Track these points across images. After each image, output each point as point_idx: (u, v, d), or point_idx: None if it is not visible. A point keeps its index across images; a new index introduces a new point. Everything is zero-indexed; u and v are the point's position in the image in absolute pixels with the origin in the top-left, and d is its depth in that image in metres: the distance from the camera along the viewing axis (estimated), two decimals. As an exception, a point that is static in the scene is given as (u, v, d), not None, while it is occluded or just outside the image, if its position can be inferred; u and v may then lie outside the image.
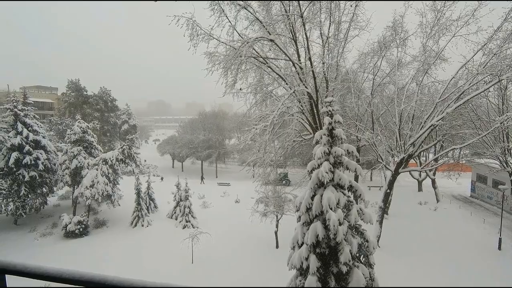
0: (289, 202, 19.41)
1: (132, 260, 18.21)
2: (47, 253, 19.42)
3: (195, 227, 22.91)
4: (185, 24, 14.80)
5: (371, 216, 9.78)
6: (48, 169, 25.11)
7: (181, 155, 52.93)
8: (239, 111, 28.66)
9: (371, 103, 21.83)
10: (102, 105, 54.11)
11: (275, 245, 19.69)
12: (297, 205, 10.27)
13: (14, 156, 22.74)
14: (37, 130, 25.19)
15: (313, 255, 9.04)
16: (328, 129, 9.78)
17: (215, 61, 15.53)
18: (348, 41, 20.24)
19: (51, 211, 26.73)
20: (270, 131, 15.22)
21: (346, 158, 9.84)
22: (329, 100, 10.13)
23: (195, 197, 30.33)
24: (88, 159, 26.06)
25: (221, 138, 55.81)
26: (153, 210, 27.41)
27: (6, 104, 24.70)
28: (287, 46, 17.85)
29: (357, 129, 22.98)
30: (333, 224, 8.48)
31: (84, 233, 22.21)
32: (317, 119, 17.70)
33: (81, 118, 29.27)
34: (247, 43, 14.51)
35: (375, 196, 28.04)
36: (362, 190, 9.89)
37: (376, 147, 19.89)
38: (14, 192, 22.97)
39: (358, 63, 23.92)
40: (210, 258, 18.05)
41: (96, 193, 23.30)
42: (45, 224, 24.00)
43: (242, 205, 27.33)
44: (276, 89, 19.66)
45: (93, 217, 24.97)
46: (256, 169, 19.08)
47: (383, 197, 19.44)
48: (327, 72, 19.40)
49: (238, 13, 15.53)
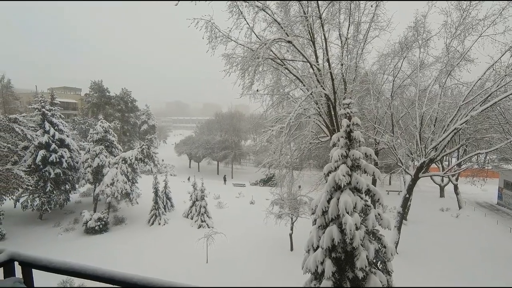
0: (305, 205, 19.22)
1: (148, 257, 18.62)
2: (69, 248, 20.20)
3: (210, 227, 23.13)
4: (204, 27, 15.01)
5: (389, 221, 9.51)
6: (71, 166, 26.13)
7: (197, 155, 53.67)
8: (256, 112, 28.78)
9: (391, 105, 21.29)
10: (123, 105, 55.78)
11: (289, 248, 19.55)
12: (312, 208, 10.16)
13: (41, 154, 23.86)
14: (62, 129, 26.30)
15: (329, 260, 8.90)
16: (346, 132, 9.63)
17: (232, 63, 15.66)
18: (368, 42, 19.85)
19: (73, 207, 27.79)
20: (287, 133, 15.15)
21: (364, 161, 9.64)
22: (347, 102, 9.98)
23: (211, 197, 30.64)
24: (109, 158, 26.92)
25: (237, 139, 56.15)
26: (169, 209, 27.92)
27: (34, 104, 25.96)
28: (305, 48, 17.72)
29: (376, 132, 22.47)
30: (350, 228, 8.32)
31: (104, 230, 22.93)
32: (334, 121, 17.45)
33: (103, 118, 30.31)
34: (265, 45, 14.54)
35: (394, 201, 27.28)
36: (380, 194, 9.64)
37: (396, 150, 19.36)
38: (40, 188, 24.08)
39: (377, 65, 23.42)
40: (225, 258, 18.15)
41: (116, 191, 24.01)
42: (67, 219, 24.99)
43: (257, 207, 27.34)
44: (293, 91, 19.58)
45: (112, 214, 25.75)
46: (271, 171, 19.04)
47: (402, 202, 18.88)
48: (345, 73, 19.10)
49: (256, 15, 15.60)
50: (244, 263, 17.71)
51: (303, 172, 27.08)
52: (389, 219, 9.70)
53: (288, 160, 18.36)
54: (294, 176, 20.28)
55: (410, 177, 18.97)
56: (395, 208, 24.38)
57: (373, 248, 8.98)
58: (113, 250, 19.84)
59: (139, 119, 60.89)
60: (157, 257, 18.66)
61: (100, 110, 53.47)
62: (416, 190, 27.90)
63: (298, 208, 19.18)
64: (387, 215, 10.62)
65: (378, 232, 9.61)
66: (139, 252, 19.38)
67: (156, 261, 18.08)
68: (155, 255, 18.91)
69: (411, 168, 19.85)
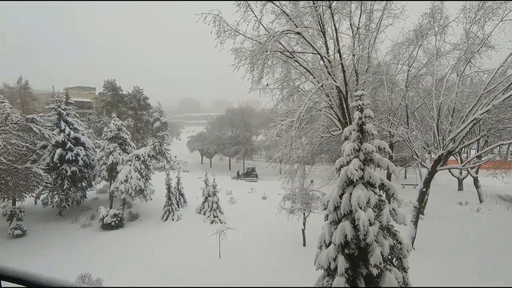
0: (317, 200, 18.95)
1: (162, 252, 18.88)
2: (87, 243, 20.75)
3: (223, 222, 23.22)
4: (212, 21, 14.83)
5: (404, 216, 9.16)
6: (87, 164, 26.75)
7: (209, 151, 53.95)
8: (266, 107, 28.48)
9: (405, 96, 20.55)
10: (136, 103, 56.61)
11: (302, 243, 19.37)
12: (324, 203, 9.92)
13: (58, 152, 24.52)
14: (77, 128, 26.90)
15: (342, 256, 8.67)
16: (358, 124, 9.29)
17: (241, 57, 15.44)
18: (381, 31, 19.13)
19: (90, 204, 28.50)
20: (297, 127, 14.87)
21: (378, 154, 9.29)
22: (358, 94, 9.61)
23: (223, 193, 30.74)
24: (123, 155, 27.37)
25: (248, 135, 56.05)
26: (182, 205, 28.21)
27: (51, 104, 26.64)
28: (315, 39, 17.26)
29: (390, 124, 21.79)
30: (363, 224, 8.05)
31: (120, 226, 23.43)
32: (346, 114, 17.01)
33: (116, 116, 30.80)
34: (273, 37, 14.23)
35: (410, 195, 26.56)
36: (395, 188, 9.29)
37: (411, 143, 18.71)
38: (59, 185, 24.80)
39: (391, 54, 22.59)
40: (237, 254, 18.18)
41: (130, 188, 24.42)
42: (85, 216, 25.68)
43: (269, 202, 27.22)
44: (303, 84, 19.19)
45: (127, 211, 26.25)
46: (283, 166, 18.82)
47: (418, 196, 18.30)
48: (357, 64, 18.53)
49: (263, 6, 15.27)
50: (257, 258, 17.68)
51: (315, 166, 26.72)
52: (405, 214, 9.34)
53: (300, 155, 18.08)
54: (306, 170, 20.02)
55: (426, 170, 18.34)
56: (411, 202, 23.72)
57: (388, 244, 8.69)
58: (129, 245, 20.24)
59: (152, 117, 61.64)
60: (171, 252, 18.90)
61: (114, 108, 54.46)
62: (433, 184, 27.04)
63: (311, 203, 18.93)
64: (402, 210, 10.24)
65: (393, 228, 9.29)
66: (153, 247, 19.69)
67: (169, 256, 18.31)
68: (168, 250, 19.16)
69: (427, 161, 19.17)
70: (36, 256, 18.56)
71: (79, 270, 15.24)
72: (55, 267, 16.91)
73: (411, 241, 17.71)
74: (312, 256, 10.32)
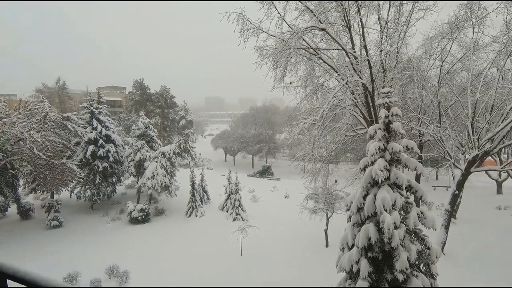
0: (341, 200, 18.48)
1: (185, 247, 19.37)
2: (116, 236, 21.78)
3: (245, 220, 23.37)
4: (236, 20, 14.86)
5: (434, 220, 8.66)
6: (116, 160, 28.02)
7: (233, 149, 54.51)
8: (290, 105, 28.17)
9: (437, 93, 19.41)
10: (163, 102, 58.43)
11: (324, 244, 19.01)
12: (347, 204, 9.63)
13: (90, 149, 25.90)
14: (108, 126, 28.23)
15: (365, 259, 8.37)
16: (384, 123, 8.90)
17: (264, 55, 15.35)
18: (411, 24, 18.16)
19: (120, 198, 29.86)
20: (320, 125, 14.55)
21: (405, 155, 8.85)
22: (385, 91, 9.20)
23: (245, 191, 30.92)
24: (150, 152, 28.37)
25: (271, 133, 55.93)
26: (206, 202, 28.76)
27: (84, 103, 28.19)
28: (340, 35, 16.76)
29: (420, 122, 20.71)
30: (388, 227, 7.71)
31: (146, 220, 24.33)
32: (372, 112, 16.38)
33: (144, 115, 31.96)
34: (296, 34, 14.00)
35: (441, 198, 25.16)
36: (423, 191, 8.80)
37: (443, 142, 17.67)
38: (91, 180, 26.22)
39: (422, 49, 21.39)
40: (258, 252, 18.21)
41: (156, 184, 25.26)
42: (115, 210, 26.94)
43: (291, 201, 26.98)
44: (327, 81, 18.73)
45: (153, 206, 27.20)
46: (306, 165, 18.54)
47: (450, 199, 17.25)
48: (385, 60, 17.75)
49: (287, 3, 15.06)
50: (278, 257, 17.60)
51: (339, 165, 26.04)
52: (434, 218, 8.82)
53: (323, 154, 17.70)
54: (329, 170, 19.57)
55: (460, 172, 17.24)
56: (442, 205, 22.46)
57: (415, 249, 8.25)
58: (154, 239, 20.97)
59: (178, 115, 63.31)
60: (193, 248, 19.33)
61: (142, 107, 56.57)
62: (468, 186, 25.46)
63: (334, 204, 18.51)
64: (432, 213, 9.70)
65: (421, 232, 8.82)
66: (177, 243, 20.25)
67: (192, 251, 18.73)
68: (191, 246, 19.61)
69: (461, 162, 18.01)
70: (70, 247, 19.77)
71: (108, 261, 16.03)
72: (87, 257, 17.90)
73: (441, 246, 16.76)
74: (335, 257, 10.07)
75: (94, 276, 14.66)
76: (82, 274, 14.96)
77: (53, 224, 22.65)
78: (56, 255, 18.25)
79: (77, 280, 14.63)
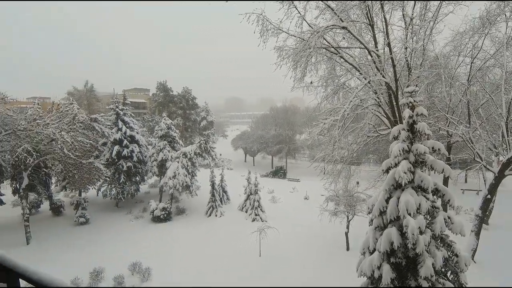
0: (362, 202, 17.97)
1: (204, 247, 19.62)
2: (139, 233, 22.47)
3: (264, 220, 23.32)
4: (256, 20, 14.86)
5: (462, 226, 8.19)
6: (140, 160, 28.93)
7: (252, 149, 54.65)
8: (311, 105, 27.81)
9: (467, 91, 18.42)
10: (185, 103, 59.69)
11: (345, 247, 18.57)
12: (369, 207, 9.35)
13: (116, 149, 26.93)
14: (133, 127, 29.22)
15: (387, 265, 8.07)
16: (408, 123, 8.56)
17: (284, 56, 15.24)
18: (439, 20, 17.32)
19: (143, 197, 30.79)
20: (341, 126, 14.23)
21: (431, 156, 8.46)
22: (410, 90, 8.85)
23: (265, 192, 30.87)
24: (171, 153, 29.05)
25: (291, 133, 55.53)
26: (225, 202, 29.00)
27: (111, 105, 29.37)
28: (362, 33, 16.31)
29: (448, 123, 19.74)
30: (412, 232, 7.38)
31: (168, 219, 24.91)
32: (396, 112, 15.79)
33: (167, 116, 32.79)
34: (317, 33, 13.79)
35: (470, 202, 23.84)
36: (451, 194, 8.36)
37: (473, 143, 16.72)
38: (116, 179, 27.25)
39: (451, 45, 20.35)
40: (277, 253, 18.10)
41: (177, 184, 25.80)
42: (138, 208, 27.82)
43: (311, 202, 26.63)
44: (349, 81, 18.29)
45: (175, 205, 27.79)
46: (326, 166, 18.19)
47: (482, 203, 16.27)
48: (410, 58, 17.07)
49: (307, 2, 14.87)
50: (297, 259, 17.40)
51: (361, 167, 25.36)
52: (463, 223, 8.34)
53: (344, 155, 17.30)
54: (350, 171, 19.10)
55: (492, 175, 16.23)
56: (472, 210, 21.25)
57: (441, 255, 7.86)
58: (174, 238, 21.42)
59: (199, 116, 64.42)
60: (213, 247, 19.54)
61: (165, 108, 58.08)
62: (502, 190, 23.95)
63: (355, 206, 18.04)
64: (460, 218, 9.20)
65: (447, 238, 8.38)
66: (197, 242, 20.56)
67: (211, 251, 18.94)
68: (210, 245, 19.83)
69: (494, 164, 16.93)
70: (96, 243, 20.63)
71: (131, 258, 16.56)
72: (111, 253, 18.60)
73: (471, 253, 15.83)
74: (356, 261, 9.80)
75: (118, 272, 15.20)
76: (107, 269, 15.55)
77: (80, 221, 23.75)
78: (82, 250, 19.14)
79: (102, 275, 15.23)
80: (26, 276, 1.36)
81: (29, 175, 21.26)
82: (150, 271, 15.67)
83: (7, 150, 20.75)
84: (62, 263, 17.16)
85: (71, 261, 17.38)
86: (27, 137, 19.92)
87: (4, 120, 19.88)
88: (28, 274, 1.35)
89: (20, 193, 21.43)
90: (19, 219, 22.95)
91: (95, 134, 26.51)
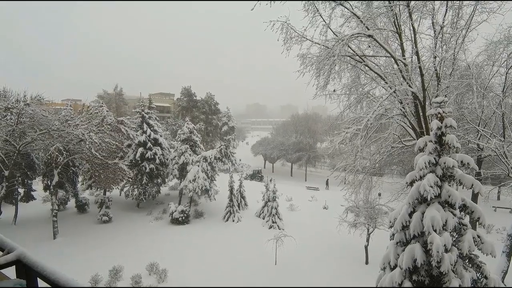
0: (384, 215, 17.35)
1: (221, 252, 19.65)
2: (158, 234, 22.94)
3: (281, 228, 23.07)
4: (280, 28, 14.96)
5: (492, 246, 7.68)
6: (162, 163, 29.69)
7: (272, 156, 54.52)
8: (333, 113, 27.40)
9: (502, 103, 17.44)
10: (207, 108, 60.88)
11: (364, 261, 17.93)
12: (391, 221, 8.99)
13: (140, 151, 27.85)
14: (156, 130, 30.14)
15: (409, 282, 7.70)
16: (436, 135, 8.21)
17: (307, 63, 15.20)
18: (472, 28, 16.61)
19: (163, 199, 31.51)
20: (363, 135, 13.90)
21: (459, 170, 8.04)
22: (438, 101, 8.52)
23: (283, 199, 30.60)
24: (192, 156, 29.60)
25: (312, 141, 54.91)
26: (243, 207, 29.01)
27: (137, 108, 30.52)
28: (389, 41, 15.96)
29: (479, 135, 18.72)
30: (437, 249, 7.01)
31: (186, 222, 25.28)
32: (423, 123, 15.20)
33: (189, 120, 33.56)
34: (342, 41, 13.65)
35: (503, 221, 22.34)
36: (481, 211, 7.88)
37: (507, 158, 15.72)
38: (138, 180, 28.11)
39: (485, 54, 19.40)
40: (293, 262, 17.80)
41: (197, 187, 26.17)
42: (158, 209, 28.47)
43: (330, 212, 26.05)
44: (373, 90, 17.88)
45: (193, 208, 28.18)
46: (346, 176, 17.77)
47: (516, 223, 15.17)
48: (439, 67, 16.43)
49: (333, 10, 14.79)
50: (314, 271, 17.03)
51: (383, 178, 24.52)
52: (493, 243, 7.83)
53: (366, 165, 16.84)
54: (372, 182, 18.51)
55: (529, 193, 15.14)
56: (504, 229, 19.88)
57: (469, 276, 7.38)
58: (192, 241, 21.65)
59: (221, 121, 65.38)
60: (229, 252, 19.55)
61: (188, 113, 59.51)
62: (539, 210, 22.29)
63: (376, 219, 17.44)
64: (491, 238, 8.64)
65: (477, 258, 7.87)
66: (213, 246, 20.66)
67: (227, 257, 18.94)
68: (227, 251, 19.85)
69: (530, 181, 15.82)
70: (116, 241, 21.30)
71: (149, 258, 16.92)
72: (130, 253, 19.11)
73: (501, 275, 14.75)
74: (375, 275, 9.44)
75: (136, 272, 15.57)
76: (125, 268, 15.97)
77: (103, 219, 24.64)
78: (104, 248, 19.81)
79: (120, 273, 15.65)
80: (43, 275, 1.43)
81: (59, 173, 22.41)
82: (166, 272, 15.92)
83: (41, 148, 22.05)
84: (85, 259, 17.83)
85: (93, 258, 18.02)
86: (59, 137, 21.06)
87: (40, 120, 21.17)
88: (46, 274, 1.41)
89: (50, 189, 22.64)
90: (47, 215, 24.19)
91: (121, 136, 27.58)
